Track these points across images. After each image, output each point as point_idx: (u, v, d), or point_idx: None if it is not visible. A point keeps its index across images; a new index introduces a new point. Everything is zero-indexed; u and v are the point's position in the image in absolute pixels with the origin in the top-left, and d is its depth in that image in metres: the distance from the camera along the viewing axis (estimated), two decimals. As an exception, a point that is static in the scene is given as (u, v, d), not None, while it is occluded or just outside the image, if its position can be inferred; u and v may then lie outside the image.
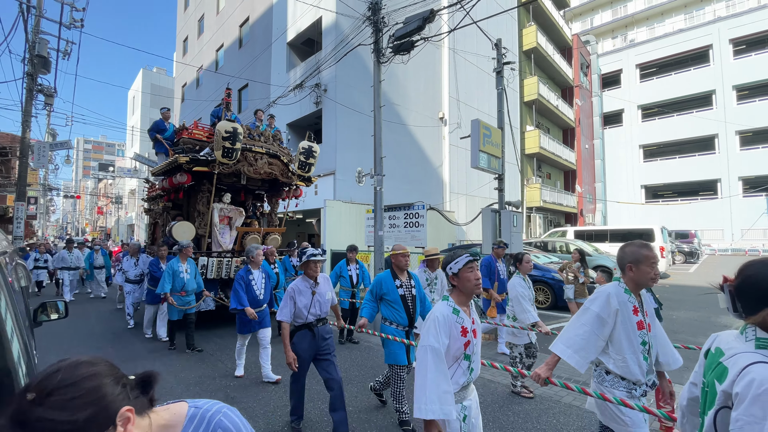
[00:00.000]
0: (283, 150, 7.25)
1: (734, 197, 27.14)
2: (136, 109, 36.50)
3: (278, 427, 3.36)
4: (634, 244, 2.04)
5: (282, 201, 8.10)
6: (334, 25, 11.87)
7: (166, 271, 5.41)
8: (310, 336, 3.17)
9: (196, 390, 4.16)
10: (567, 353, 2.02)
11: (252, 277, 4.47)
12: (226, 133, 5.98)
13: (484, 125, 7.00)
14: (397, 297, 3.32)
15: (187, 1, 24.32)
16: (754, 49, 27.63)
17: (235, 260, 6.69)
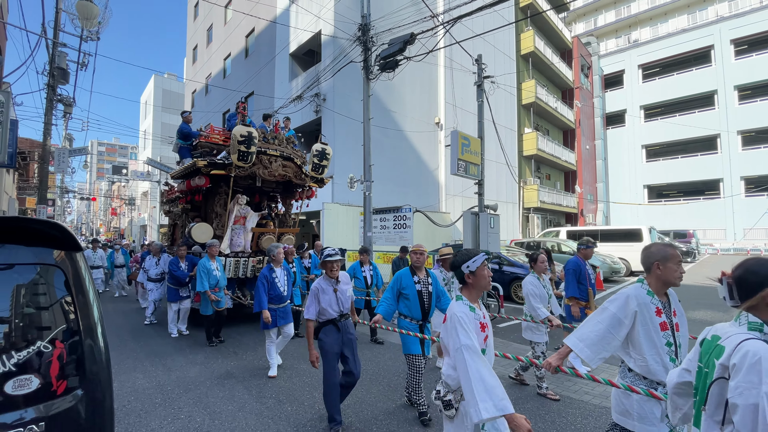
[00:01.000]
0: (296, 152, 7.38)
1: (736, 197, 27.24)
2: (148, 114, 37.74)
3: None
4: (658, 244, 2.07)
5: (295, 202, 8.34)
6: (332, 39, 12.59)
7: (201, 270, 5.59)
8: (335, 330, 3.31)
9: (229, 383, 4.34)
10: (579, 346, 2.07)
11: (275, 274, 4.64)
12: (241, 137, 6.13)
13: (463, 135, 7.64)
14: (414, 292, 3.51)
15: (197, 11, 25.28)
16: (755, 50, 27.66)
17: (252, 260, 6.89)
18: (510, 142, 20.72)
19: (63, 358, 1.64)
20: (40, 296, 1.70)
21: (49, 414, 1.55)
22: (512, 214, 20.75)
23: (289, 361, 5.10)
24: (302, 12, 14.50)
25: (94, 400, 1.70)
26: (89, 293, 1.81)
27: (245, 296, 6.79)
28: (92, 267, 10.50)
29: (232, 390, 4.15)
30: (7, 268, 1.62)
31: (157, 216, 25.53)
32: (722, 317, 7.65)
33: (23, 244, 1.68)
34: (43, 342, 1.61)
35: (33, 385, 1.54)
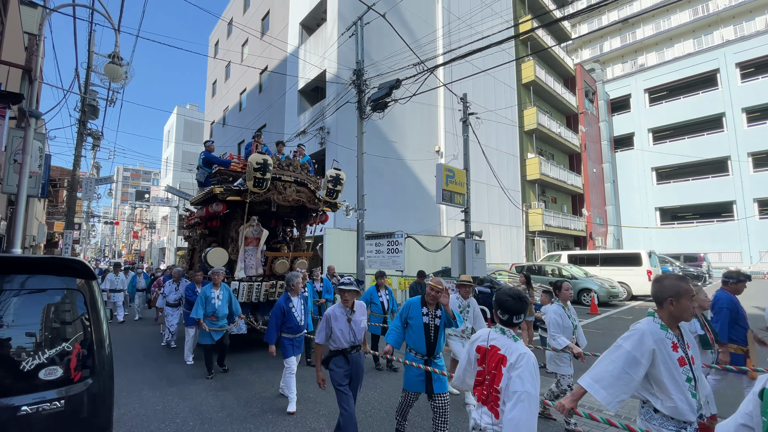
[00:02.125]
0: (310, 178, 7.50)
1: (750, 219, 26.77)
2: (171, 142, 39.94)
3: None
4: (671, 277, 2.01)
5: (309, 226, 8.47)
6: (336, 77, 13.63)
7: (199, 297, 5.58)
8: (344, 362, 3.27)
9: (243, 414, 4.24)
10: (594, 388, 1.97)
11: (292, 304, 4.49)
12: (257, 165, 6.24)
13: (447, 168, 8.27)
14: (420, 324, 3.33)
15: (217, 49, 27.24)
16: (761, 72, 27.74)
17: (265, 284, 6.93)
18: (513, 167, 21.25)
19: (79, 356, 2.29)
20: (65, 311, 2.38)
21: (68, 395, 2.19)
22: (517, 238, 21.02)
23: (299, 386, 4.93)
24: (310, 53, 15.72)
25: (100, 387, 2.34)
26: (100, 311, 2.48)
27: (257, 321, 6.82)
28: (113, 290, 10.64)
29: (243, 424, 4.02)
30: (42, 291, 2.32)
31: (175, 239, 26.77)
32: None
33: (54, 274, 2.37)
34: (66, 344, 2.27)
35: (58, 373, 2.18)
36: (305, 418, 4.16)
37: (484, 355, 1.97)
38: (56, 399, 2.14)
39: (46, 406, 2.11)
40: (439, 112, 17.44)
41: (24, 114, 5.34)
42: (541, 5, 24.41)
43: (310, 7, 16.02)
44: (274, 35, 19.05)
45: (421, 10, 16.92)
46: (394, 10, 14.94)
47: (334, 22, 14.37)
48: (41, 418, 2.09)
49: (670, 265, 18.61)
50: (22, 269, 2.30)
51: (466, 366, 2.15)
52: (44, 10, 5.49)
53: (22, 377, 2.09)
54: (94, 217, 35.55)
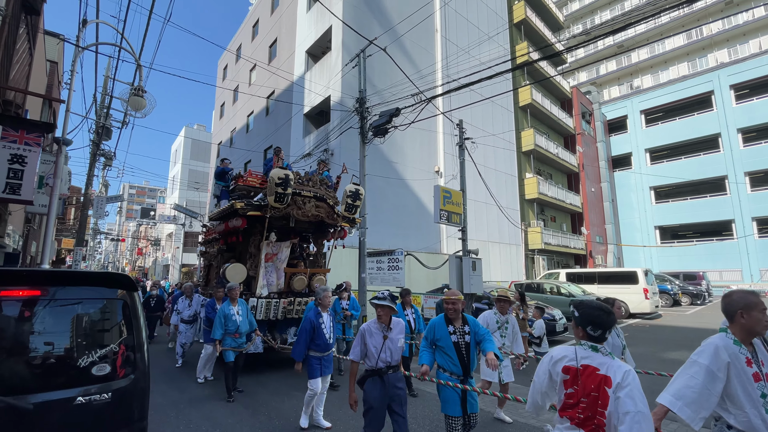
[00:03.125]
0: (329, 193, 7.46)
1: (749, 237, 27.00)
2: (178, 161, 40.91)
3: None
4: (739, 292, 2.01)
5: (327, 242, 8.39)
6: (340, 103, 14.34)
7: (218, 316, 5.44)
8: (380, 383, 3.07)
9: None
10: (677, 405, 1.93)
11: (322, 320, 4.34)
12: (278, 180, 6.25)
13: (444, 189, 8.76)
14: (450, 344, 3.21)
15: (225, 73, 28.37)
16: (756, 94, 28.46)
17: (283, 301, 6.82)
18: (511, 187, 21.76)
19: (124, 355, 2.72)
20: (113, 317, 2.82)
21: (114, 388, 2.60)
22: (516, 256, 21.34)
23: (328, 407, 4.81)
24: (315, 79, 16.52)
25: (140, 382, 2.75)
26: (140, 319, 2.92)
27: (275, 339, 6.71)
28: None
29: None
30: (98, 299, 2.77)
31: (180, 256, 27.23)
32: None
33: (105, 285, 2.83)
34: (113, 345, 2.70)
35: (106, 370, 2.60)
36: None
37: (575, 375, 1.82)
38: (105, 392, 2.56)
39: (97, 397, 2.53)
40: (438, 134, 18.10)
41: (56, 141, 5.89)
42: (537, 32, 25.42)
43: (316, 37, 16.91)
44: (281, 62, 19.98)
45: (422, 39, 17.78)
46: (394, 37, 15.79)
47: (339, 51, 15.19)
48: (93, 408, 2.50)
49: (669, 284, 18.83)
50: (80, 282, 2.75)
51: (547, 389, 1.98)
52: (77, 48, 6.11)
53: (78, 373, 2.51)
54: (100, 233, 36.18)
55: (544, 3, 27.24)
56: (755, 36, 33.00)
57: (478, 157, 19.48)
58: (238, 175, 7.74)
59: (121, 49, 6.82)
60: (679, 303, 18.41)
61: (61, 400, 2.40)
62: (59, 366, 2.51)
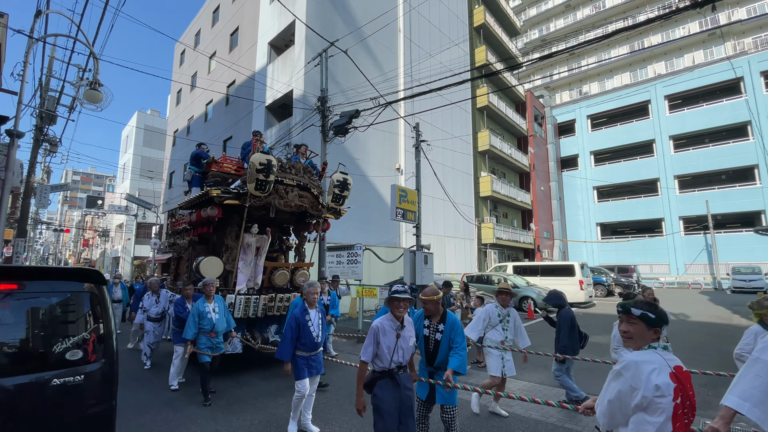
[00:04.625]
0: (313, 182, 7.02)
1: (676, 234, 30.09)
2: (129, 148, 38.80)
3: None
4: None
5: (309, 234, 7.97)
6: (303, 97, 14.50)
7: (192, 314, 5.01)
8: (392, 385, 2.89)
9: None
10: (745, 407, 1.88)
11: (308, 317, 4.07)
12: (260, 165, 5.71)
13: (401, 189, 9.35)
14: (421, 336, 3.31)
15: (183, 58, 27.28)
16: (687, 105, 31.51)
17: (263, 297, 6.37)
18: (467, 185, 22.88)
19: (95, 342, 3.02)
20: (84, 308, 3.11)
21: (86, 371, 2.91)
22: (470, 250, 22.55)
23: (330, 412, 4.63)
24: (278, 72, 16.51)
25: (109, 366, 3.08)
26: (109, 310, 3.22)
27: (255, 338, 6.28)
28: None
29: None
30: (70, 292, 3.05)
31: (132, 248, 26.14)
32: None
33: (77, 280, 3.11)
34: (86, 332, 3.00)
35: (79, 355, 2.91)
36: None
37: (679, 381, 1.66)
38: (78, 374, 2.86)
39: (71, 379, 2.83)
40: (399, 132, 18.70)
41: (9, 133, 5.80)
42: (495, 36, 26.59)
43: (279, 30, 16.86)
44: (242, 51, 19.66)
45: (385, 38, 18.20)
46: (357, 36, 16.11)
47: (302, 46, 15.29)
48: (67, 389, 2.81)
49: (604, 276, 20.76)
50: (52, 276, 3.02)
51: (633, 407, 1.67)
52: (30, 39, 6.00)
53: (53, 357, 2.80)
54: (41, 223, 33.75)
55: (502, 9, 28.48)
56: (689, 51, 36.32)
57: (437, 157, 20.35)
58: (211, 160, 7.20)
59: (76, 40, 6.71)
60: (613, 293, 20.34)
61: (38, 382, 2.70)
62: (36, 352, 2.79)
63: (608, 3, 40.03)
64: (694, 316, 13.15)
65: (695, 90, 30.79)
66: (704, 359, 7.36)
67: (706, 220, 27.42)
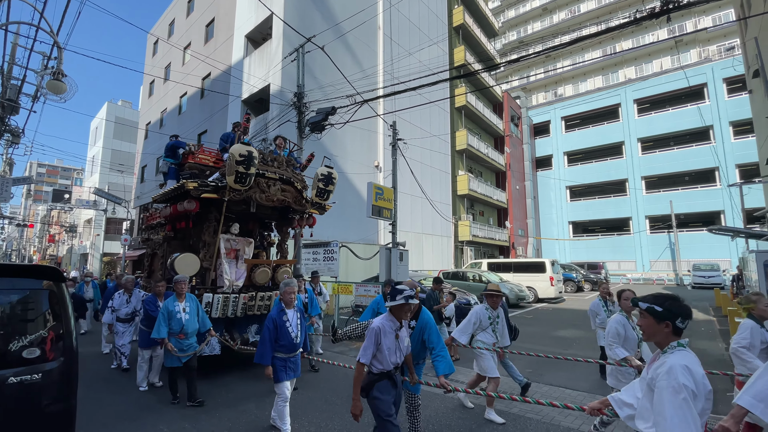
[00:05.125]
0: (296, 176, 6.77)
1: (642, 233, 31.43)
2: (98, 140, 37.31)
3: None
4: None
5: (292, 230, 7.72)
6: (280, 92, 14.35)
7: (161, 313, 4.78)
8: (391, 386, 2.85)
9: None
10: (759, 408, 1.88)
11: (286, 317, 3.95)
12: (240, 157, 5.46)
13: (377, 186, 9.43)
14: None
15: (156, 49, 26.42)
16: (654, 109, 32.88)
17: (243, 296, 6.11)
18: (445, 183, 23.19)
19: (53, 340, 2.97)
20: (42, 306, 3.05)
21: (44, 369, 2.87)
22: (447, 247, 22.90)
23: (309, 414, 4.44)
24: (255, 65, 16.26)
25: (68, 364, 3.03)
26: (68, 308, 3.17)
27: (235, 339, 6.02)
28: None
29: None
30: (28, 289, 2.99)
31: (101, 244, 25.24)
32: (584, 335, 9.24)
33: (35, 277, 3.04)
34: (44, 331, 2.95)
35: (36, 353, 2.86)
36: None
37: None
38: (36, 372, 2.82)
39: (27, 377, 2.78)
40: (378, 131, 18.76)
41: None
42: (474, 37, 26.96)
43: (256, 23, 16.58)
44: (218, 43, 19.23)
45: (364, 35, 18.18)
46: (337, 31, 16.05)
47: (280, 39, 15.10)
48: (24, 387, 2.76)
49: (575, 273, 21.52)
50: (9, 273, 2.95)
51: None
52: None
53: (10, 355, 2.75)
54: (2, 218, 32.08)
55: (481, 10, 28.88)
56: (658, 57, 37.83)
57: (415, 155, 20.52)
58: (188, 152, 6.90)
59: (39, 29, 6.44)
60: (582, 289, 21.13)
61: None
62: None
63: (583, 8, 41.23)
64: (656, 311, 13.84)
65: (662, 95, 32.17)
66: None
67: (670, 220, 28.78)
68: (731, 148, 28.43)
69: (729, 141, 28.66)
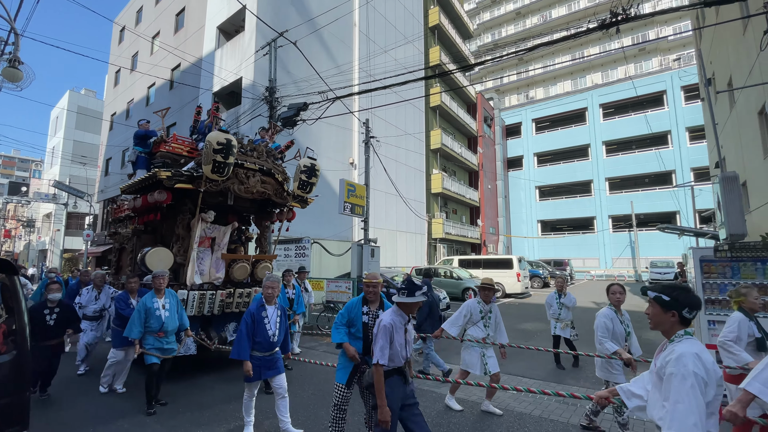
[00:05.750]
0: (277, 167, 6.48)
1: (606, 231, 32.93)
2: (59, 131, 35.43)
3: None
4: None
5: (271, 224, 7.43)
6: (252, 87, 14.16)
7: (137, 310, 4.47)
8: (401, 382, 2.79)
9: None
10: (766, 393, 1.93)
11: (265, 313, 3.79)
12: (218, 145, 5.16)
13: (349, 183, 9.52)
14: (360, 324, 3.25)
15: (122, 36, 25.36)
16: (618, 113, 34.42)
17: (220, 293, 5.79)
18: (419, 181, 23.51)
19: (6, 333, 2.93)
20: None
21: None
22: (421, 244, 23.25)
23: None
24: (227, 57, 15.94)
25: (20, 357, 3.00)
26: (21, 302, 3.12)
27: (212, 338, 5.75)
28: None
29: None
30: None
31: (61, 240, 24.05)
32: (546, 327, 9.83)
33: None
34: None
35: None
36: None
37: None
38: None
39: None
40: (353, 127, 18.81)
41: None
42: (449, 38, 27.38)
43: (229, 14, 16.26)
44: (188, 33, 18.71)
45: (340, 31, 18.16)
46: (312, 26, 15.96)
47: (253, 32, 14.88)
48: (-25, 379, 2.71)
49: (541, 269, 22.35)
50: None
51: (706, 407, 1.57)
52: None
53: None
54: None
55: (456, 11, 29.34)
56: (623, 64, 39.57)
57: (391, 153, 20.69)
58: (160, 140, 6.58)
59: (2, 18, 6.11)
60: (548, 285, 21.97)
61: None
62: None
63: (554, 14, 42.55)
64: (614, 305, 14.61)
65: (625, 100, 33.74)
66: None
67: (631, 219, 30.30)
68: (687, 152, 30.19)
69: (685, 145, 30.43)
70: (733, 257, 5.06)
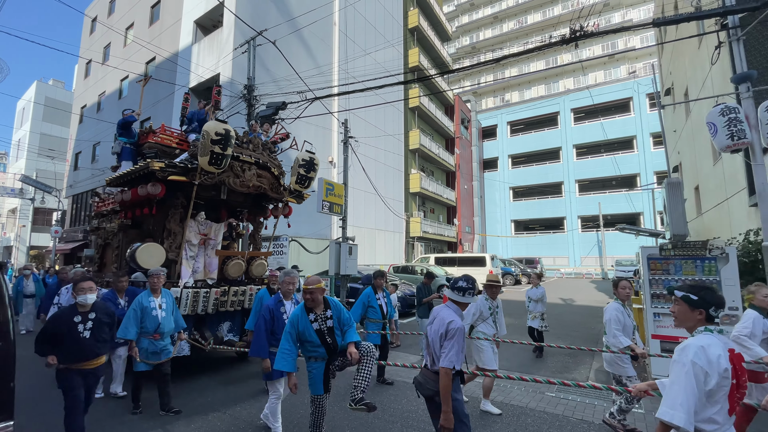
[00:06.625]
0: (274, 161, 6.33)
1: (575, 231, 34.37)
2: (25, 122, 33.86)
3: None
4: None
5: (265, 220, 7.28)
6: (230, 83, 14.15)
7: (132, 309, 4.17)
8: (460, 384, 2.77)
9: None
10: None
11: (283, 309, 3.75)
12: (216, 136, 4.93)
13: (327, 182, 9.77)
14: (313, 332, 3.08)
15: (94, 26, 24.57)
16: (588, 118, 35.91)
17: (215, 291, 5.54)
18: (398, 181, 23.92)
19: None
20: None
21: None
22: (399, 242, 23.68)
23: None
24: (204, 52, 15.83)
25: (4, 350, 3.13)
26: (5, 295, 3.25)
27: (206, 338, 5.50)
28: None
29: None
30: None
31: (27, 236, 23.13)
32: (515, 322, 10.06)
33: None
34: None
35: (-22, 334, 2.95)
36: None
37: (733, 362, 1.76)
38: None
39: (-33, 359, 2.88)
40: (333, 127, 19.00)
41: None
42: (428, 39, 27.89)
43: (206, 8, 16.13)
44: (164, 26, 18.41)
45: (320, 29, 18.29)
46: (292, 25, 16.04)
47: (231, 28, 14.84)
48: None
49: (513, 267, 23.20)
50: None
51: (707, 392, 1.71)
52: None
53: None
54: None
55: (435, 14, 29.89)
56: (593, 70, 41.22)
57: (370, 153, 20.98)
58: (148, 130, 6.36)
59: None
60: (520, 282, 22.84)
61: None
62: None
63: (530, 20, 43.84)
64: (579, 301, 15.44)
65: (595, 106, 35.26)
66: (576, 335, 8.89)
67: (599, 220, 31.76)
68: (651, 156, 31.88)
69: (649, 150, 32.13)
70: (675, 255, 5.62)
